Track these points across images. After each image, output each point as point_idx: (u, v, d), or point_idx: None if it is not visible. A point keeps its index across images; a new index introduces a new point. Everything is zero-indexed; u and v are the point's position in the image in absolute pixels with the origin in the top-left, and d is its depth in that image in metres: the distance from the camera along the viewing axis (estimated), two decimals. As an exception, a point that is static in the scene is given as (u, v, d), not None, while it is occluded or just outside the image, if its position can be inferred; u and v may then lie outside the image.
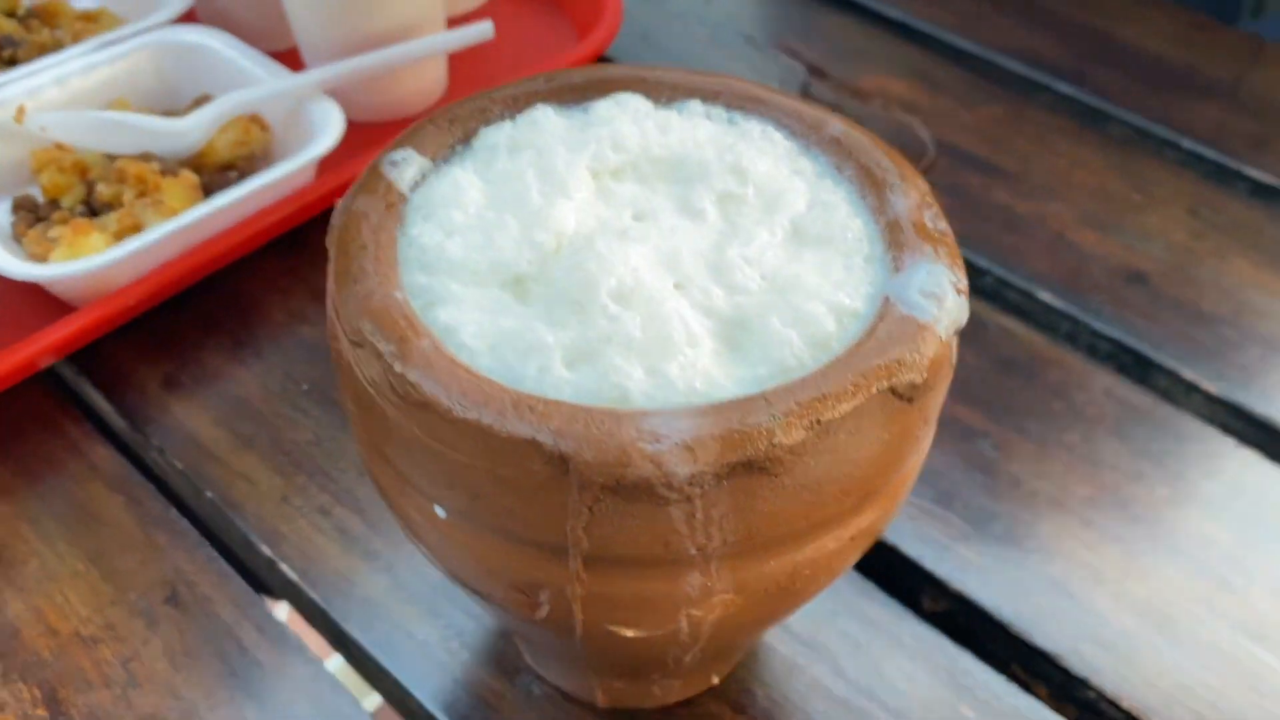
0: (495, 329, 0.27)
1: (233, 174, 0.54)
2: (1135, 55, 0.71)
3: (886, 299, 0.27)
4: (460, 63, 0.63)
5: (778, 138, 0.32)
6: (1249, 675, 0.40)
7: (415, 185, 0.30)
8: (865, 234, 0.29)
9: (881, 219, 0.30)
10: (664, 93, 0.33)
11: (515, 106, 0.33)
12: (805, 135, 0.32)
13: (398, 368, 0.25)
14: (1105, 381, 0.51)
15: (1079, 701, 0.41)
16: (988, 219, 0.59)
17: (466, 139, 0.32)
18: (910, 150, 0.63)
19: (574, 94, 0.33)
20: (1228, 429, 0.50)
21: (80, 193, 0.52)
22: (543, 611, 0.27)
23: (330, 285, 0.28)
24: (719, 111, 0.33)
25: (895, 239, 0.29)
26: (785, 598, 0.28)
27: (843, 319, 0.27)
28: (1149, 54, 0.71)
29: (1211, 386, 0.51)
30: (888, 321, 0.27)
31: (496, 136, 0.32)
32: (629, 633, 0.27)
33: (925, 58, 0.71)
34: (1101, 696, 0.40)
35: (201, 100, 0.56)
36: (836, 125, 0.32)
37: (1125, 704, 0.40)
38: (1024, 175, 0.62)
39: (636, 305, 0.27)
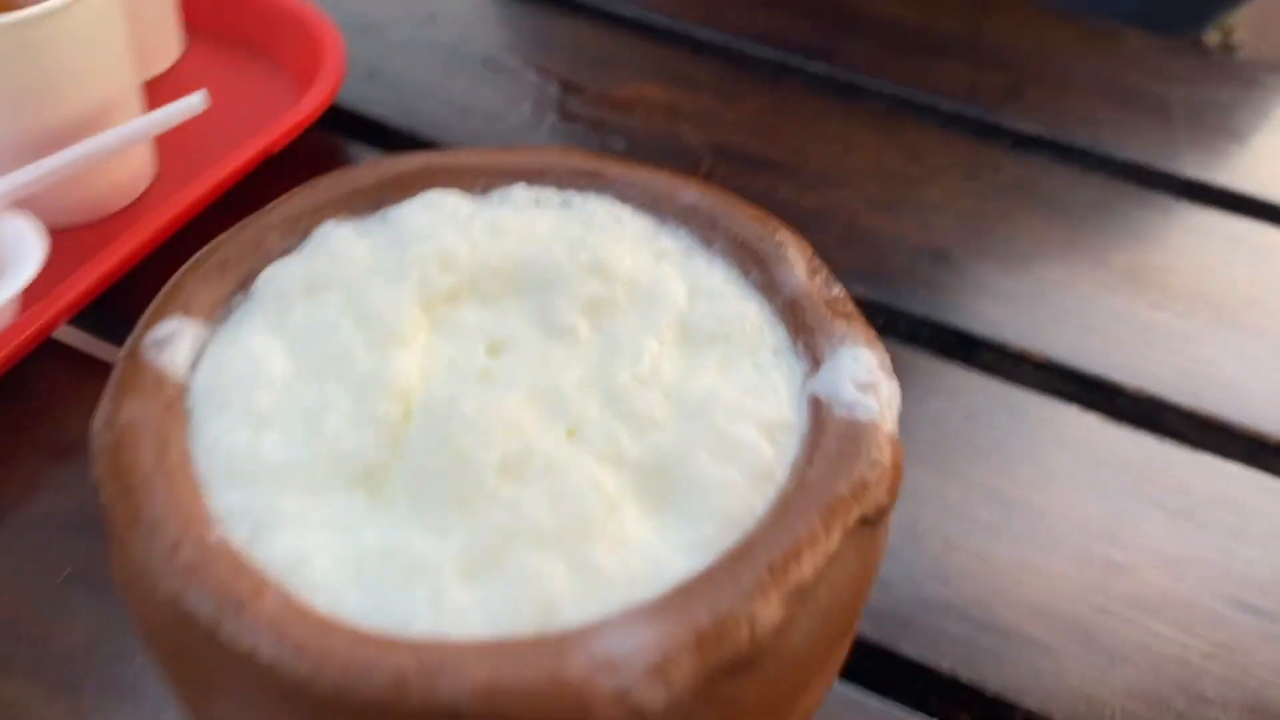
0: (355, 551, 0.20)
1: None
2: (877, 23, 0.70)
3: (817, 401, 0.23)
4: (168, 140, 0.54)
5: (626, 216, 0.27)
6: (1171, 661, 0.39)
7: (194, 365, 0.23)
8: (763, 320, 0.25)
9: (775, 298, 0.25)
10: (477, 181, 0.27)
11: (297, 229, 0.26)
12: (656, 208, 0.27)
13: (241, 643, 0.18)
14: (933, 368, 0.50)
15: (1015, 729, 0.39)
16: (780, 220, 0.56)
17: (245, 286, 0.25)
18: (684, 160, 0.60)
19: (366, 199, 0.27)
20: (1064, 395, 0.49)
21: None
22: None
23: (113, 537, 0.21)
24: (550, 194, 0.27)
25: (798, 321, 0.24)
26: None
27: (776, 436, 0.23)
28: (889, 19, 0.70)
29: (1040, 353, 0.50)
30: (829, 431, 0.22)
31: (285, 277, 0.25)
32: None
33: (676, 56, 0.67)
34: (1031, 716, 0.38)
35: None
36: (690, 192, 0.27)
37: (1062, 722, 0.38)
38: (802, 166, 0.60)
39: (532, 476, 0.21)
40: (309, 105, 0.53)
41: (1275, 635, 0.41)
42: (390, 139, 0.60)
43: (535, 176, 0.28)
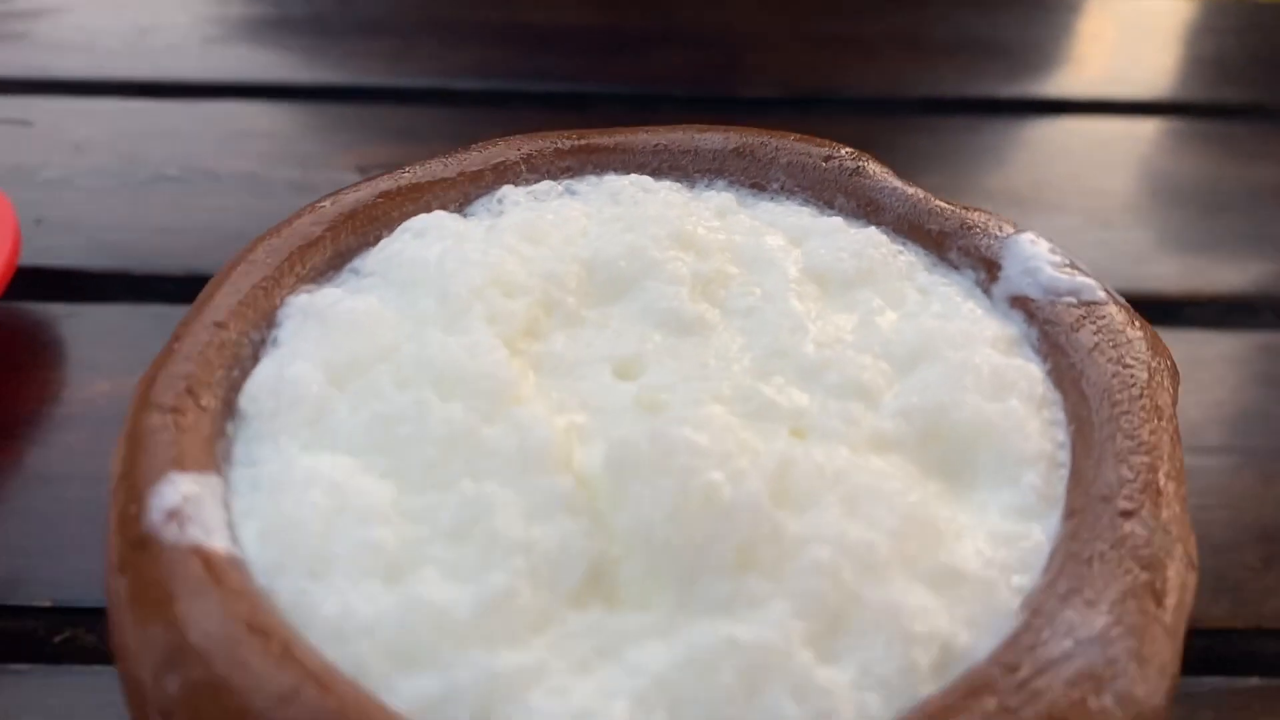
0: (657, 681, 0.13)
1: None
2: (571, 35, 0.68)
3: (1025, 300, 0.19)
4: None
5: (651, 184, 0.21)
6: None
7: (232, 527, 0.15)
8: (891, 242, 0.20)
9: (883, 217, 0.20)
10: (450, 196, 0.21)
11: (257, 318, 0.18)
12: (677, 166, 0.22)
13: None
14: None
15: None
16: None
17: (229, 411, 0.17)
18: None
19: (321, 254, 0.19)
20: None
21: None
22: None
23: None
24: (548, 187, 0.21)
25: (928, 233, 0.20)
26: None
27: (1013, 351, 0.18)
28: (583, 28, 0.68)
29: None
30: (1065, 324, 0.18)
31: (293, 380, 0.17)
32: None
33: (390, 114, 0.61)
34: None
35: None
36: (711, 136, 0.22)
37: None
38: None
39: (807, 497, 0.15)
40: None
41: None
42: (94, 285, 0.49)
43: (515, 174, 0.21)
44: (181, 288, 0.49)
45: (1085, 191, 0.58)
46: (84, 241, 0.50)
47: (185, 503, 0.14)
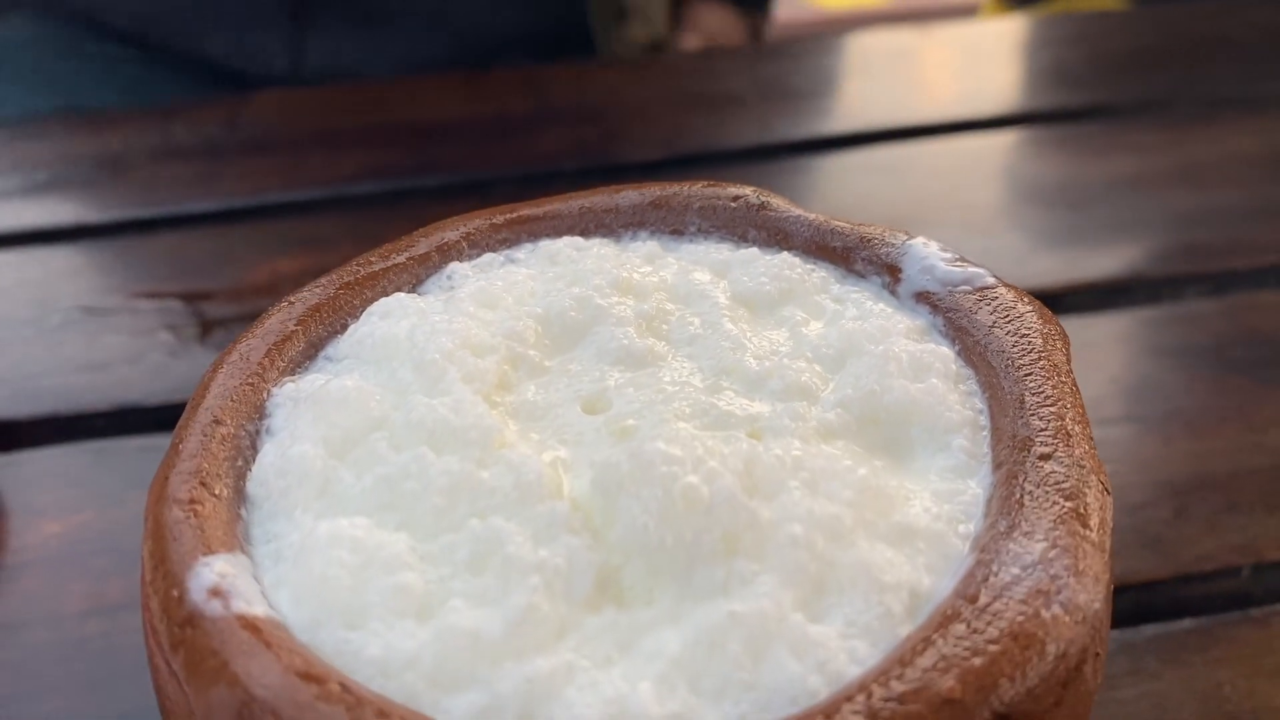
0: (686, 666, 0.15)
1: None
2: (449, 131, 0.71)
3: (927, 295, 0.21)
4: None
5: (582, 243, 0.23)
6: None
7: (267, 595, 0.16)
8: (803, 262, 0.23)
9: (792, 243, 0.23)
10: (403, 279, 0.22)
11: (249, 413, 0.20)
12: (603, 225, 0.24)
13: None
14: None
15: None
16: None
17: (239, 498, 0.18)
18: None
19: (296, 345, 0.21)
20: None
21: None
22: None
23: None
24: (490, 258, 0.23)
25: (834, 249, 0.23)
26: None
27: (925, 339, 0.20)
28: (454, 121, 0.71)
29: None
30: (965, 309, 0.21)
31: (297, 459, 0.18)
32: None
33: (286, 226, 0.62)
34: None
35: None
36: (627, 194, 0.24)
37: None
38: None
39: (776, 485, 0.17)
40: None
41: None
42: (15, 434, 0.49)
43: (459, 252, 0.23)
44: (112, 422, 0.49)
45: (960, 205, 0.62)
46: (8, 391, 0.51)
47: (222, 580, 0.16)
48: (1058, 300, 0.54)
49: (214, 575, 0.16)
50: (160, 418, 0.50)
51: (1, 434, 0.50)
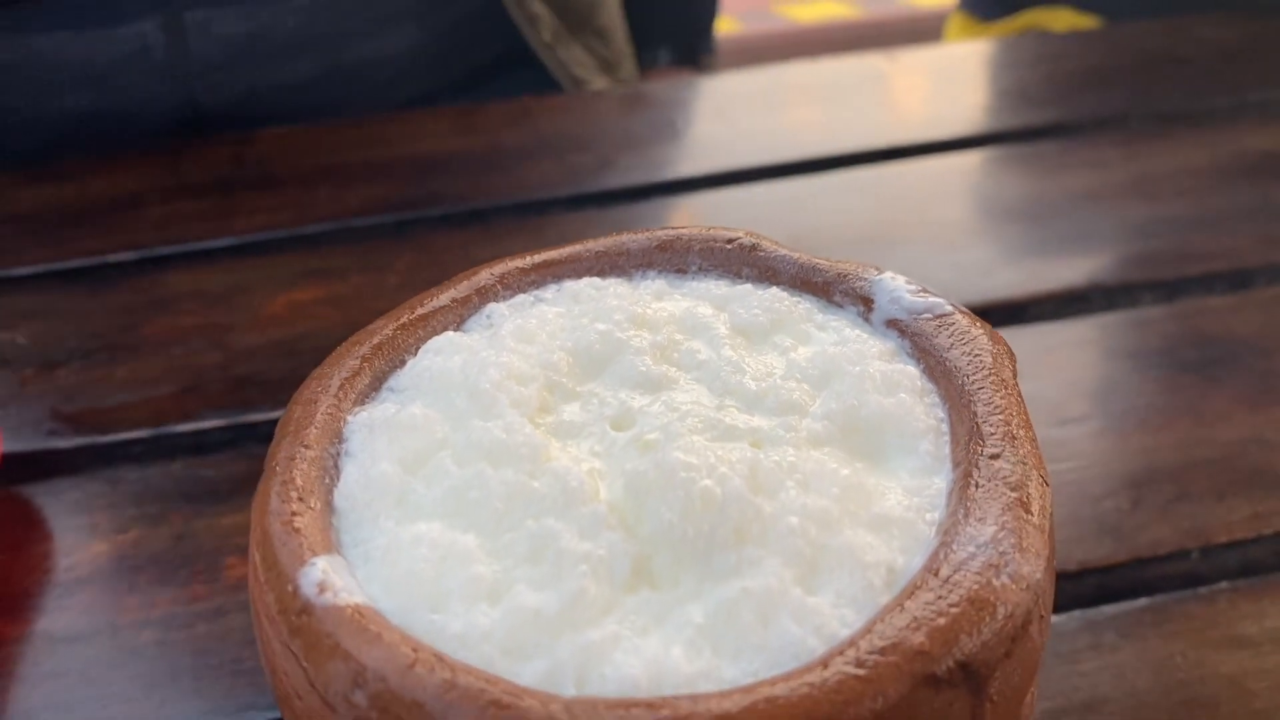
0: (708, 632, 0.19)
1: None
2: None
3: (897, 323, 0.25)
4: None
5: (600, 283, 0.27)
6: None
7: (363, 587, 0.20)
8: (791, 296, 0.27)
9: (780, 278, 0.27)
10: (449, 320, 0.26)
11: (329, 440, 0.23)
12: (616, 267, 0.28)
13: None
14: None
15: None
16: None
17: (328, 509, 0.22)
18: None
19: (363, 380, 0.25)
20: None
21: None
22: None
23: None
24: (521, 299, 0.27)
25: (815, 283, 0.26)
26: None
27: (895, 360, 0.24)
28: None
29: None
30: (927, 334, 0.24)
31: (373, 478, 0.22)
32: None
33: (312, 257, 0.66)
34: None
35: None
36: (637, 237, 0.28)
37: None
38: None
39: (775, 483, 0.21)
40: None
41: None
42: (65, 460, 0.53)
43: (495, 294, 0.27)
44: (149, 447, 0.53)
45: (929, 223, 0.66)
46: (48, 422, 0.54)
47: (326, 576, 0.20)
48: (1022, 310, 0.58)
49: (319, 573, 0.20)
50: (195, 442, 0.54)
51: (42, 462, 0.53)
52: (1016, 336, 0.55)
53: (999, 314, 0.58)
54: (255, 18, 0.80)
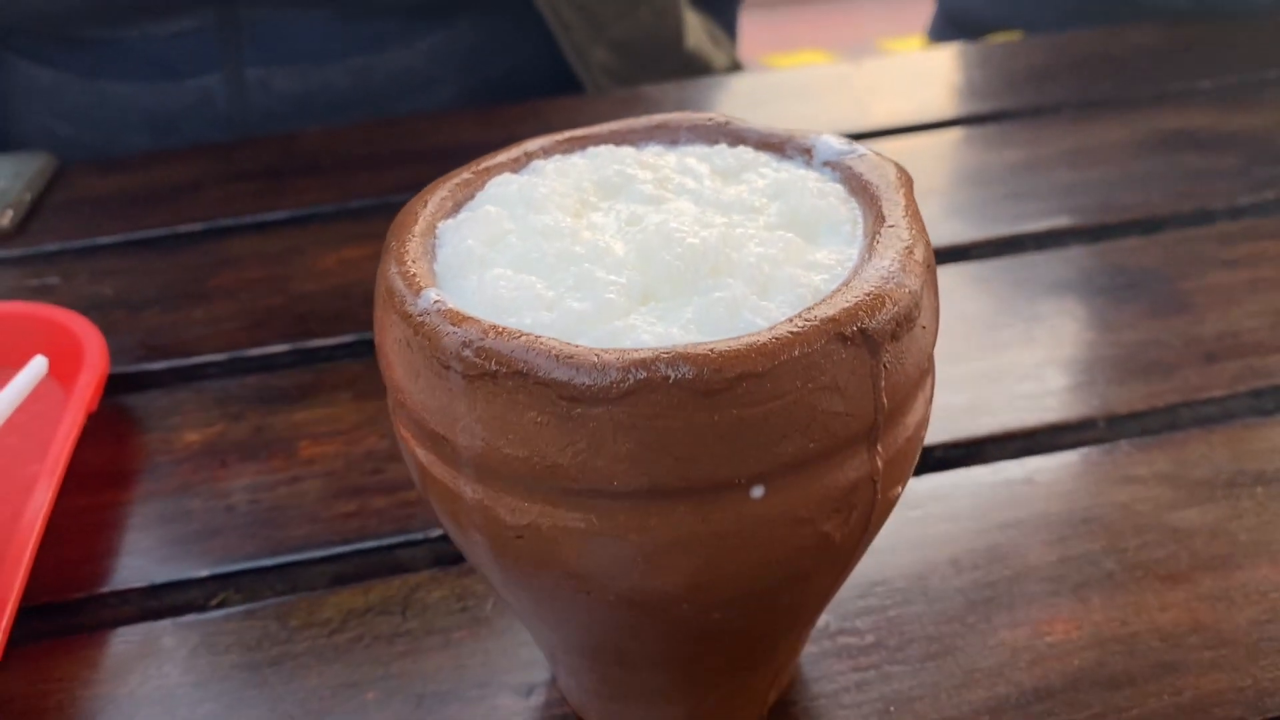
0: (684, 325, 0.29)
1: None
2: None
3: (829, 164, 0.35)
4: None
5: (613, 150, 0.37)
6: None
7: (462, 304, 0.30)
8: (754, 151, 0.37)
9: (747, 140, 0.37)
10: (517, 161, 0.36)
11: (427, 241, 0.33)
12: (627, 137, 0.38)
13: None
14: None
15: None
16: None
17: (433, 264, 0.32)
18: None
19: (449, 207, 0.34)
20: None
21: None
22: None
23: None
24: (560, 158, 0.37)
25: (771, 142, 0.37)
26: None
27: (826, 183, 0.34)
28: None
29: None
30: (851, 168, 0.34)
31: (461, 252, 0.32)
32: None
33: (353, 227, 0.76)
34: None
35: None
36: (640, 122, 0.38)
37: None
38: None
39: (735, 250, 0.31)
40: (98, 362, 0.55)
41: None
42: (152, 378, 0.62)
43: (540, 155, 0.37)
44: (224, 367, 0.63)
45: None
46: (141, 350, 0.64)
47: (439, 296, 0.29)
48: (965, 251, 0.68)
49: (434, 295, 0.29)
50: (264, 363, 0.64)
51: (137, 380, 0.63)
52: (959, 272, 0.66)
53: (946, 254, 0.68)
54: (311, 76, 0.89)
